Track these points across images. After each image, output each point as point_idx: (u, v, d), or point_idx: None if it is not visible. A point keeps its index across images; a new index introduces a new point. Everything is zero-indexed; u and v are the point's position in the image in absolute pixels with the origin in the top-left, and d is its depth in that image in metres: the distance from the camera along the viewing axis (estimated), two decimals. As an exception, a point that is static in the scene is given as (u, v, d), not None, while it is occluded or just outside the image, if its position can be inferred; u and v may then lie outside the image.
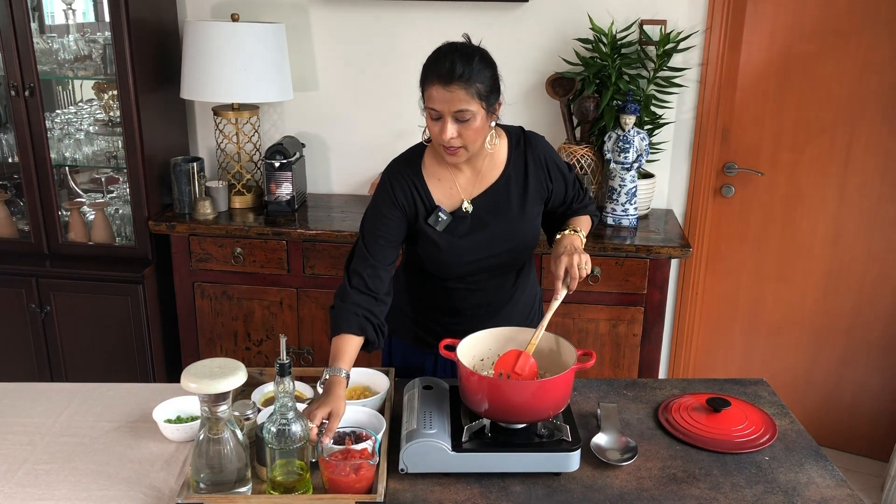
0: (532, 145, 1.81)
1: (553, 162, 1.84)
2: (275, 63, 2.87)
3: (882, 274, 3.05)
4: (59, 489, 1.49)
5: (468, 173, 1.79)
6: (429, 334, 1.94)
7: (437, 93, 1.60)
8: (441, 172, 1.78)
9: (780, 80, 2.96)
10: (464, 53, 1.61)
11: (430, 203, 1.77)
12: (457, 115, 1.61)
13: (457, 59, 1.59)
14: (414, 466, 1.50)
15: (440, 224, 1.76)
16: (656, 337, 2.77)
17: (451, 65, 1.59)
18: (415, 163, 1.79)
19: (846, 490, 1.51)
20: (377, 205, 1.79)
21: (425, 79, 1.64)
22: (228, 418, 1.41)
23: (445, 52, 1.62)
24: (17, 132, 2.86)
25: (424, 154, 1.80)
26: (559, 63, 2.95)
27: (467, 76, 1.59)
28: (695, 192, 3.11)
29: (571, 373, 1.54)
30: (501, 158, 1.80)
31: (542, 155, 1.82)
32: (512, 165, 1.79)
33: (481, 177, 1.79)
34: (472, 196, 1.79)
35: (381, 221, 1.76)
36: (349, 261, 1.79)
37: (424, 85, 1.64)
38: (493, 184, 1.79)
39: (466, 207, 1.78)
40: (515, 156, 1.80)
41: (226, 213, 2.97)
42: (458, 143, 1.65)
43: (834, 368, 3.22)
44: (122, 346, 2.95)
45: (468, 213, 1.77)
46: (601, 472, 1.55)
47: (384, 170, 1.83)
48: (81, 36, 2.96)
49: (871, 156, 2.94)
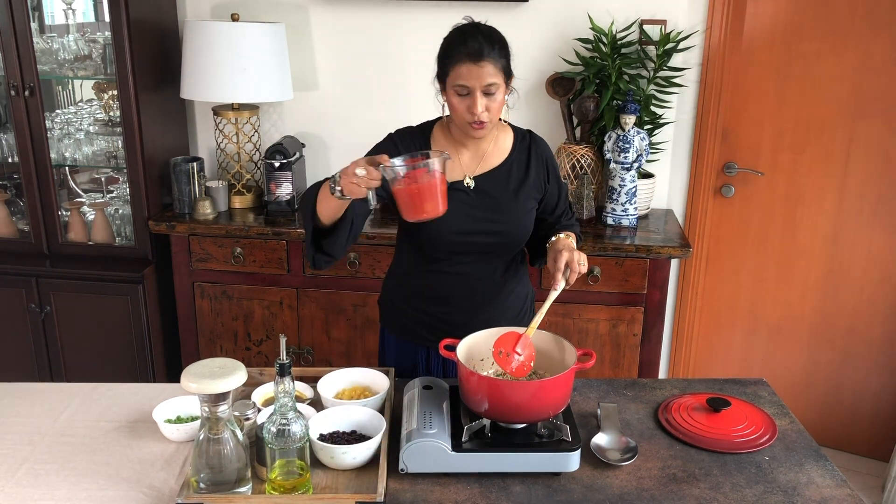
0: (537, 144, 1.91)
1: (553, 165, 1.93)
2: (275, 63, 2.87)
3: (882, 274, 3.05)
4: (59, 489, 1.49)
5: (472, 152, 1.86)
6: (419, 325, 1.95)
7: (468, 69, 1.69)
8: (447, 146, 1.86)
9: (780, 80, 2.96)
10: (486, 32, 1.74)
11: None
12: (486, 88, 1.70)
13: (483, 37, 1.71)
14: (414, 466, 1.50)
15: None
16: (656, 337, 2.77)
17: (479, 43, 1.69)
18: (425, 131, 1.89)
19: (846, 490, 1.51)
20: (374, 149, 1.85)
21: (451, 58, 1.72)
22: (228, 418, 1.41)
23: (470, 32, 1.73)
24: (17, 132, 2.86)
25: (434, 127, 1.89)
26: (559, 63, 2.95)
27: (494, 53, 1.70)
28: (695, 192, 3.11)
29: (571, 373, 1.54)
30: (505, 147, 1.88)
31: (545, 155, 1.91)
32: (515, 155, 1.88)
33: (484, 159, 1.87)
34: (475, 174, 1.86)
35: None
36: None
37: (451, 64, 1.72)
38: (496, 167, 1.87)
39: (468, 182, 1.84)
40: (520, 148, 1.89)
41: (226, 213, 2.97)
42: (486, 116, 1.72)
43: (834, 368, 3.22)
44: (122, 346, 2.95)
45: (469, 188, 1.84)
46: (601, 472, 1.55)
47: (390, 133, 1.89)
48: (81, 36, 2.96)
49: (871, 156, 2.94)
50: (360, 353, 2.90)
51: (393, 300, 2.00)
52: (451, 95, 1.74)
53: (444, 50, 1.76)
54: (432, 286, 1.91)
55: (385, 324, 2.05)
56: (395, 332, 2.02)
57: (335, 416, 1.62)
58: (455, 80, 1.71)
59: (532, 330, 1.63)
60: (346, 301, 2.85)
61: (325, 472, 1.52)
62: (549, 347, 1.66)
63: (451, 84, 1.73)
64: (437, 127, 1.90)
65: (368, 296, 2.82)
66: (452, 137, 1.86)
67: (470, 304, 1.90)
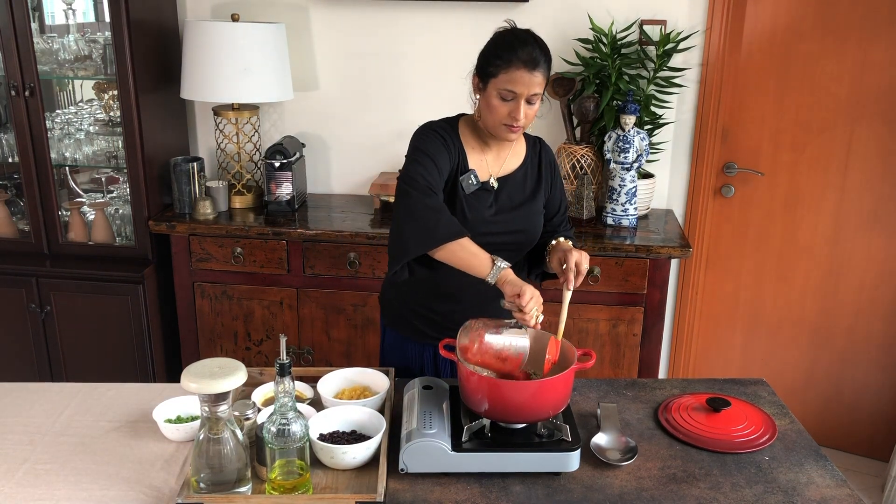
0: (546, 150, 1.97)
1: (557, 173, 2.00)
2: (275, 63, 2.87)
3: (882, 274, 3.05)
4: (59, 489, 1.49)
5: (495, 153, 1.89)
6: (424, 323, 1.95)
7: (522, 76, 1.70)
8: (475, 144, 1.88)
9: (780, 80, 2.96)
10: (540, 42, 1.74)
11: (464, 163, 1.85)
12: (531, 98, 1.73)
13: (539, 47, 1.72)
14: (414, 466, 1.50)
15: (470, 187, 1.84)
16: (656, 337, 2.77)
17: (536, 52, 1.71)
18: (454, 126, 1.88)
19: (846, 490, 1.51)
20: (429, 144, 1.79)
21: (505, 61, 1.71)
22: (228, 418, 1.41)
23: (525, 39, 1.73)
24: (17, 132, 2.86)
25: (459, 123, 1.89)
26: (559, 63, 2.95)
27: (547, 65, 1.74)
28: (695, 192, 3.11)
29: (571, 373, 1.54)
30: (521, 152, 1.93)
31: (552, 163, 1.98)
32: (529, 160, 1.93)
33: (505, 161, 1.90)
34: (497, 176, 1.89)
35: (439, 154, 1.78)
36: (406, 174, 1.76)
37: (504, 67, 1.71)
38: (514, 171, 1.90)
39: (493, 183, 1.87)
40: (532, 154, 1.94)
41: (226, 213, 2.97)
42: (524, 122, 1.75)
43: (834, 368, 3.22)
44: (122, 346, 2.95)
45: (493, 189, 1.86)
46: (601, 472, 1.55)
47: (423, 126, 1.86)
48: (81, 36, 2.96)
49: (871, 156, 2.94)
50: (360, 353, 2.90)
51: (397, 298, 2.00)
52: (492, 97, 1.74)
53: (495, 50, 1.74)
54: (442, 284, 1.90)
55: (387, 321, 2.05)
56: (398, 330, 2.02)
57: (335, 416, 1.62)
58: (505, 83, 1.71)
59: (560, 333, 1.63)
60: (346, 301, 2.85)
61: (325, 472, 1.53)
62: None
63: (497, 86, 1.72)
64: (462, 125, 1.89)
65: (368, 296, 2.82)
66: (478, 136, 1.87)
67: (478, 302, 1.90)
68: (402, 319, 2.00)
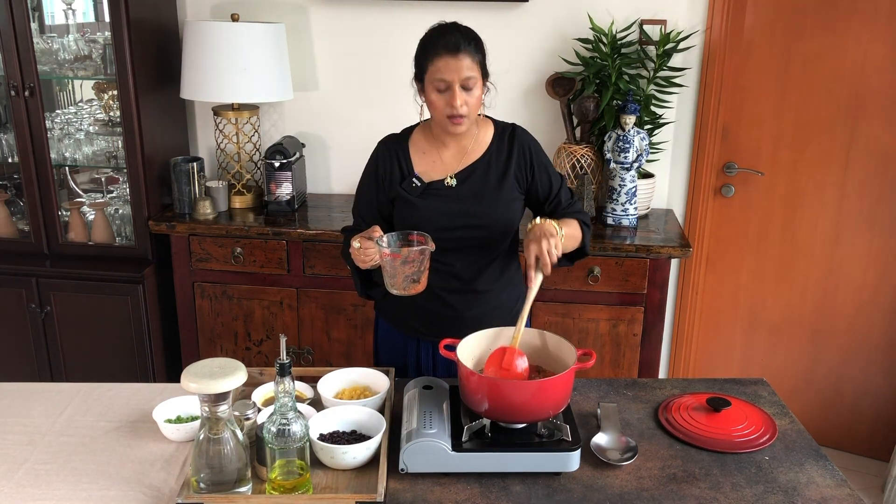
0: (518, 135, 1.92)
1: (535, 153, 1.93)
2: (275, 63, 2.87)
3: (882, 274, 3.05)
4: (59, 489, 1.49)
5: (453, 150, 1.90)
6: (412, 317, 1.98)
7: (446, 63, 1.74)
8: (427, 147, 1.91)
9: (780, 80, 2.96)
10: (463, 29, 1.79)
11: (409, 171, 1.89)
12: (464, 82, 1.74)
13: (459, 32, 1.77)
14: (414, 466, 1.50)
15: (414, 190, 1.87)
16: (656, 337, 2.77)
17: (456, 37, 1.75)
18: (403, 136, 1.95)
19: (846, 490, 1.51)
20: (364, 174, 1.97)
21: (429, 53, 1.77)
22: (228, 418, 1.41)
23: (447, 28, 1.78)
24: (17, 132, 2.86)
25: (414, 130, 1.95)
26: (559, 63, 2.95)
27: (471, 47, 1.76)
28: (695, 192, 3.11)
29: (571, 373, 1.54)
30: (485, 141, 1.91)
31: (526, 146, 1.92)
32: (494, 148, 1.91)
33: (465, 155, 1.90)
34: (456, 171, 1.89)
35: (367, 188, 1.95)
36: (347, 226, 1.99)
37: (429, 60, 1.77)
38: (475, 162, 1.90)
39: (449, 182, 1.88)
40: (498, 142, 1.91)
41: (226, 213, 2.97)
42: (465, 110, 1.76)
43: (834, 368, 3.22)
44: (122, 346, 2.95)
45: (451, 187, 1.88)
46: (601, 472, 1.55)
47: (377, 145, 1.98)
48: (81, 36, 2.96)
49: (871, 156, 2.94)
50: (360, 353, 2.90)
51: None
52: (430, 93, 1.79)
53: (420, 48, 1.82)
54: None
55: (379, 311, 2.08)
56: (388, 321, 2.04)
57: (335, 416, 1.62)
58: (434, 74, 1.76)
59: (516, 340, 1.63)
60: (346, 301, 2.85)
61: (325, 472, 1.53)
62: (549, 347, 1.66)
63: (429, 80, 1.78)
64: (417, 131, 1.95)
65: (368, 296, 2.82)
66: (433, 138, 1.91)
67: (462, 298, 1.92)
68: (391, 312, 2.02)
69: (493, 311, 1.93)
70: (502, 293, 1.96)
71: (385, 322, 2.06)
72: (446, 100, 1.76)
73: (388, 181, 1.91)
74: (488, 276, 1.92)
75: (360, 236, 1.73)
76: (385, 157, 1.92)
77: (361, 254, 1.71)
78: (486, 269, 1.92)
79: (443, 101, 1.77)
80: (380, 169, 1.92)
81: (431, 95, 1.79)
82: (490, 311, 1.92)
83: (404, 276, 1.68)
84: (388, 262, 1.68)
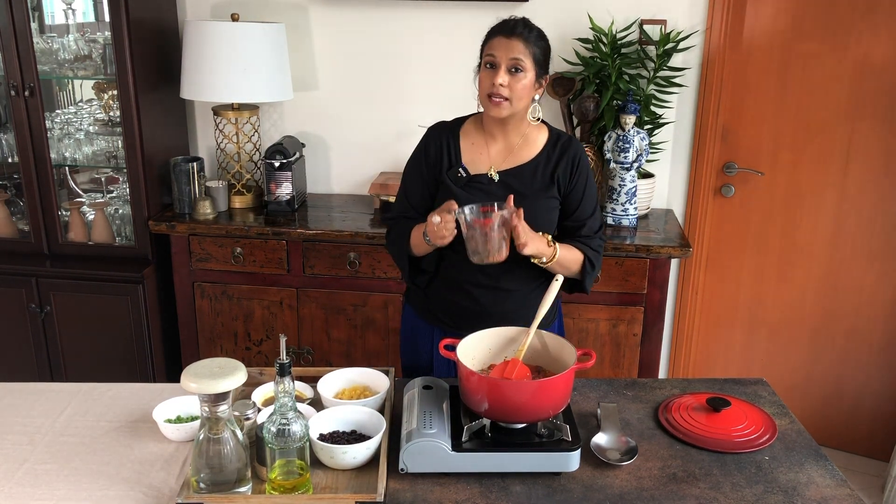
0: (571, 144, 1.93)
1: (582, 167, 1.92)
2: (275, 63, 2.87)
3: (882, 274, 3.05)
4: (59, 489, 1.49)
5: (501, 145, 1.91)
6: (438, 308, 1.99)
7: (499, 42, 1.78)
8: (476, 137, 1.92)
9: (780, 80, 2.96)
10: (528, 22, 1.84)
11: (456, 159, 1.90)
12: (511, 64, 1.76)
13: (522, 22, 1.82)
14: (414, 466, 1.50)
15: (459, 180, 1.87)
16: (656, 337, 2.77)
17: (516, 23, 1.81)
18: (455, 123, 1.96)
19: (846, 490, 1.51)
20: (412, 159, 1.97)
21: (489, 36, 1.82)
22: (228, 418, 1.41)
23: (513, 18, 1.83)
24: (17, 132, 2.86)
25: (467, 120, 1.96)
26: (559, 63, 2.95)
27: (528, 35, 1.80)
28: (695, 192, 3.11)
29: (571, 373, 1.54)
30: (537, 145, 1.91)
31: (577, 155, 1.92)
32: (545, 154, 1.90)
33: (513, 153, 1.90)
34: (500, 168, 1.89)
35: (415, 172, 1.95)
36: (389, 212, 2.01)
37: (487, 40, 1.82)
38: (524, 164, 1.89)
39: (493, 175, 1.88)
40: (550, 148, 1.91)
41: (226, 213, 2.97)
42: (507, 92, 1.77)
43: (834, 368, 3.22)
44: (122, 346, 2.95)
45: (493, 181, 1.88)
46: (601, 472, 1.55)
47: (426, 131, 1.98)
48: (81, 36, 2.96)
49: (871, 156, 2.94)
50: (360, 353, 2.90)
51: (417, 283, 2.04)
52: (480, 71, 1.82)
53: (486, 35, 1.85)
54: (451, 274, 1.93)
55: (408, 300, 2.10)
56: (415, 308, 2.06)
57: (335, 415, 1.62)
58: (487, 51, 1.80)
59: (521, 353, 1.63)
60: (346, 301, 2.85)
61: (325, 472, 1.53)
62: (549, 347, 1.66)
63: (483, 60, 1.81)
64: (469, 121, 1.95)
65: (368, 296, 2.82)
66: (483, 129, 1.91)
67: (488, 295, 1.91)
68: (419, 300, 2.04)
69: (520, 311, 1.90)
70: (531, 294, 1.94)
71: (412, 310, 2.07)
72: (491, 77, 1.78)
73: (436, 166, 1.91)
74: (517, 276, 1.91)
75: (438, 211, 1.74)
76: (435, 143, 1.92)
77: (442, 228, 1.72)
78: (517, 269, 1.89)
79: (488, 78, 1.78)
80: (430, 153, 1.92)
81: (480, 74, 1.82)
82: (516, 309, 1.91)
83: (492, 243, 1.70)
84: (476, 230, 1.70)
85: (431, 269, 1.94)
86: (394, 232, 1.96)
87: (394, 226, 1.97)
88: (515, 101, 1.79)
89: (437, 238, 1.75)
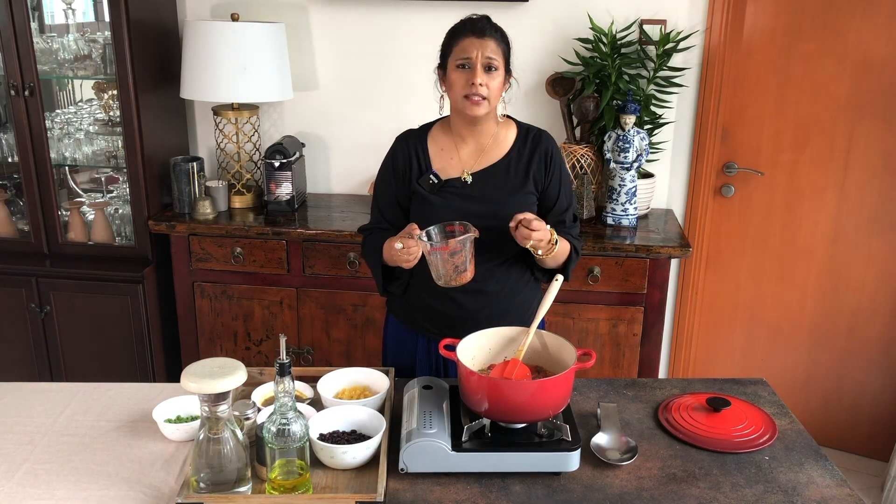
0: (542, 138, 1.91)
1: (556, 161, 1.91)
2: (275, 63, 2.87)
3: (882, 274, 3.05)
4: (59, 489, 1.49)
5: (471, 147, 1.90)
6: (420, 315, 1.97)
7: (470, 42, 1.78)
8: (445, 142, 1.91)
9: (780, 80, 2.96)
10: (491, 20, 1.83)
11: (426, 166, 1.89)
12: (486, 63, 1.76)
13: (487, 20, 1.81)
14: (414, 466, 1.50)
15: (430, 187, 1.87)
16: (656, 337, 2.77)
17: (484, 23, 1.80)
18: (423, 131, 1.95)
19: (846, 490, 1.51)
20: (381, 170, 1.97)
21: (455, 37, 1.81)
22: (228, 418, 1.41)
23: (477, 17, 1.82)
24: (17, 132, 2.86)
25: (434, 125, 1.95)
26: (559, 63, 2.95)
27: (499, 34, 1.81)
28: (695, 192, 3.11)
29: (571, 373, 1.54)
30: (507, 143, 1.90)
31: (549, 149, 1.91)
32: (516, 151, 1.89)
33: (484, 153, 1.89)
34: (473, 170, 1.88)
35: (385, 183, 1.95)
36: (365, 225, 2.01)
37: (454, 42, 1.81)
38: (495, 163, 1.89)
39: (466, 178, 1.88)
40: (521, 144, 1.90)
41: (226, 213, 2.97)
42: (485, 91, 1.77)
43: (834, 368, 3.22)
44: (122, 346, 2.95)
45: (466, 183, 1.87)
46: (601, 471, 1.55)
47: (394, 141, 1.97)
48: (81, 36, 2.96)
49: (871, 156, 2.94)
50: (360, 353, 2.90)
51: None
52: (451, 73, 1.80)
53: (447, 35, 1.85)
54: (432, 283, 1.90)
55: (390, 308, 2.08)
56: (399, 319, 2.04)
57: (335, 415, 1.62)
58: (458, 54, 1.78)
59: (521, 353, 1.63)
60: (346, 301, 2.85)
61: (325, 472, 1.53)
62: (549, 347, 1.66)
63: (453, 61, 1.79)
64: (436, 126, 1.94)
65: (368, 296, 2.82)
66: (452, 134, 1.90)
67: (471, 298, 1.90)
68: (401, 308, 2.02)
69: (507, 313, 1.90)
70: (517, 295, 1.94)
71: (395, 319, 2.05)
72: (467, 77, 1.77)
73: (405, 175, 1.91)
74: (499, 277, 1.90)
75: (400, 236, 1.74)
76: (402, 152, 1.92)
77: (405, 253, 1.72)
78: (498, 270, 1.90)
79: (463, 78, 1.77)
80: (398, 163, 1.91)
81: (452, 75, 1.79)
82: (504, 311, 1.90)
83: (454, 268, 1.69)
84: (437, 256, 1.69)
85: (405, 277, 1.94)
86: (367, 244, 1.96)
87: (367, 238, 1.97)
88: (493, 99, 1.80)
89: (401, 262, 1.76)
